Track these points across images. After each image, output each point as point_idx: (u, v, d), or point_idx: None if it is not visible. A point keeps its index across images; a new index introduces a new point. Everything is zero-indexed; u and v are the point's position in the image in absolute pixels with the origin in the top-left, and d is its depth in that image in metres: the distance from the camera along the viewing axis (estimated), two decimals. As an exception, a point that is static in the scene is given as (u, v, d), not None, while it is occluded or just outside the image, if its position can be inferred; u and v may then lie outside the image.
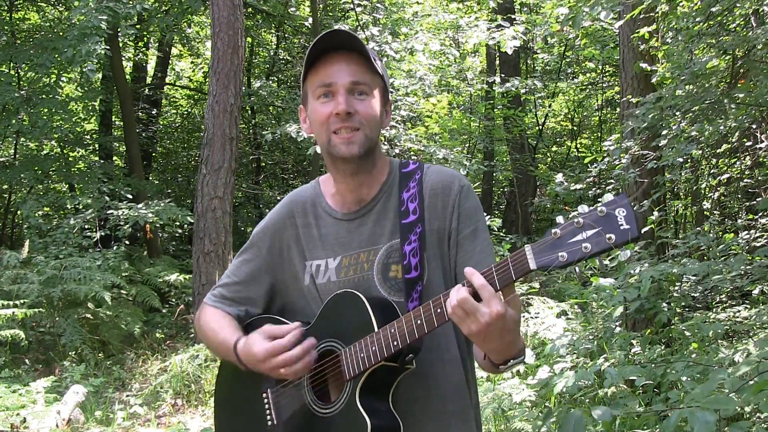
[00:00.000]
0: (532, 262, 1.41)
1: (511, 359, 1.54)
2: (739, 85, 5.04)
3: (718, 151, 6.28)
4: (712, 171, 6.79)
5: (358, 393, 1.64)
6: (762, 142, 5.58)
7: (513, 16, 11.10)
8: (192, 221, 8.55)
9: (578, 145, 15.72)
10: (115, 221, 9.36)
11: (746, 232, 6.33)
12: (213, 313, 1.90)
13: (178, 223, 10.42)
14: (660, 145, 5.46)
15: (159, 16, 11.77)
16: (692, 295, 5.69)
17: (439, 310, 1.54)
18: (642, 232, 1.39)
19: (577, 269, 1.42)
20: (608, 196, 1.37)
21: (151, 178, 13.63)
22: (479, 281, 1.44)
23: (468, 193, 1.77)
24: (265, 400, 1.84)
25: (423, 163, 1.85)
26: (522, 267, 1.42)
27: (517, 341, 1.53)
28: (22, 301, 7.31)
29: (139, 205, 9.50)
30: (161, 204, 9.42)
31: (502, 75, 12.64)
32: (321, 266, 1.81)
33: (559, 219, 1.42)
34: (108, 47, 9.32)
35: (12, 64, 10.43)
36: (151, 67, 15.72)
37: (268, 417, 1.83)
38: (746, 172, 6.64)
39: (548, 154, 16.43)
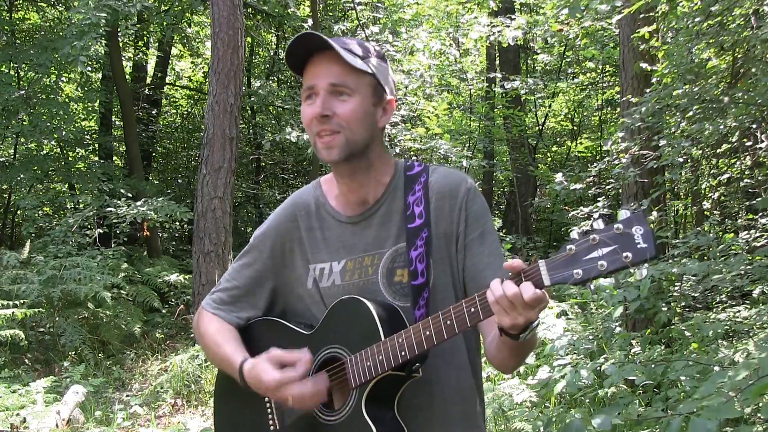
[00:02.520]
0: (546, 278, 1.40)
1: (531, 323, 1.48)
2: (739, 85, 5.04)
3: (718, 151, 6.28)
4: (712, 171, 6.79)
5: (364, 401, 1.63)
6: (762, 142, 5.57)
7: (513, 17, 11.09)
8: (191, 218, 8.55)
9: (578, 145, 15.71)
10: (114, 217, 9.36)
11: (746, 232, 6.33)
12: (213, 322, 1.88)
13: (177, 223, 10.43)
14: (660, 144, 5.46)
15: (159, 14, 11.77)
16: (692, 295, 5.69)
17: (449, 323, 1.52)
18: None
19: (591, 286, 1.41)
20: (625, 213, 1.35)
21: (151, 178, 13.63)
22: (530, 295, 1.40)
23: (475, 196, 1.75)
24: (267, 406, 1.82)
25: (428, 165, 1.83)
26: (536, 283, 1.41)
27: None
28: (22, 301, 7.31)
29: (138, 203, 9.50)
30: (158, 200, 9.43)
31: (503, 73, 12.63)
32: (325, 269, 1.79)
33: (574, 234, 1.39)
34: (106, 42, 9.31)
35: (12, 64, 10.43)
36: (151, 67, 15.72)
37: (271, 422, 1.81)
38: (746, 172, 6.63)
39: (548, 154, 16.41)
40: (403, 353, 1.57)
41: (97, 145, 13.09)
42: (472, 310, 1.50)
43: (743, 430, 2.55)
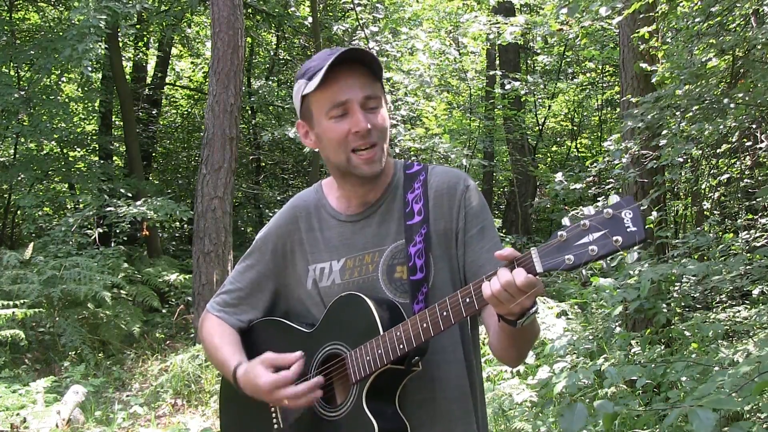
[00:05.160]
0: (539, 264, 1.41)
1: (528, 310, 1.49)
2: (738, 85, 5.04)
3: (718, 151, 6.27)
4: (712, 171, 6.78)
5: (365, 396, 1.64)
6: (762, 142, 5.57)
7: (512, 19, 11.09)
8: (191, 217, 8.57)
9: (578, 145, 15.72)
10: (114, 217, 9.37)
11: (746, 232, 6.33)
12: (215, 325, 1.90)
13: (177, 223, 10.43)
14: (660, 144, 5.46)
15: (159, 14, 11.77)
16: (692, 295, 5.68)
17: (445, 314, 1.53)
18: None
19: (583, 272, 1.42)
20: (614, 198, 1.37)
21: (151, 178, 13.63)
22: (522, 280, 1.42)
23: (474, 192, 1.76)
24: (271, 404, 1.83)
25: (427, 164, 1.84)
26: (528, 270, 1.42)
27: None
28: (22, 301, 7.31)
29: (138, 202, 9.51)
30: (158, 200, 9.44)
31: (504, 71, 12.64)
32: (325, 269, 1.80)
33: (565, 221, 1.41)
34: (106, 46, 9.32)
35: (12, 65, 10.43)
36: (151, 67, 15.72)
37: (274, 420, 1.82)
38: (746, 172, 6.63)
39: (548, 154, 16.42)
40: (401, 346, 1.58)
41: (97, 145, 13.10)
42: (467, 300, 1.51)
43: (743, 425, 2.55)
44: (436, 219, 1.74)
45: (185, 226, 13.86)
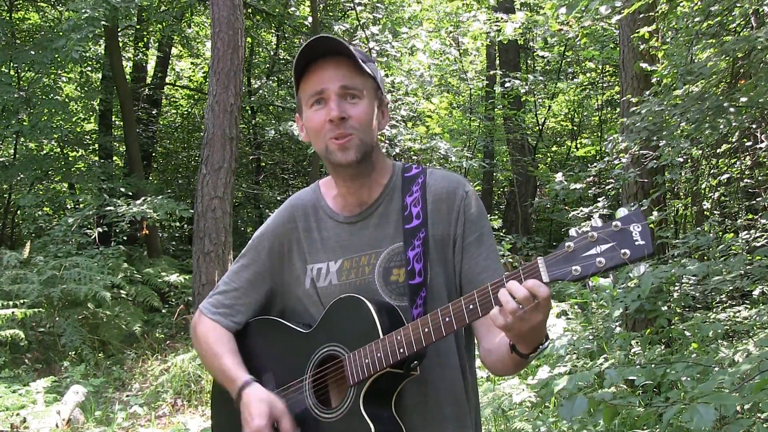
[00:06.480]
0: (545, 274, 1.41)
1: (539, 345, 1.51)
2: (739, 85, 5.04)
3: (718, 151, 6.28)
4: (712, 171, 6.79)
5: (362, 399, 1.64)
6: (762, 142, 5.57)
7: (512, 15, 11.06)
8: (191, 216, 8.57)
9: (578, 145, 15.72)
10: (113, 216, 9.38)
11: (746, 232, 6.33)
12: (211, 329, 1.88)
13: (177, 223, 10.42)
14: (660, 144, 5.46)
15: (159, 14, 11.77)
16: (692, 295, 5.68)
17: (447, 320, 1.53)
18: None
19: (590, 282, 1.42)
20: (622, 211, 1.38)
21: (151, 178, 13.64)
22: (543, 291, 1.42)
23: (473, 199, 1.76)
24: None
25: (426, 167, 1.84)
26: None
27: (545, 327, 1.52)
28: (22, 301, 7.31)
29: (138, 201, 9.51)
30: (158, 198, 9.44)
31: (504, 70, 12.64)
32: (322, 269, 1.80)
33: (573, 232, 1.41)
34: (105, 41, 9.29)
35: (12, 64, 10.43)
36: (151, 67, 15.71)
37: None
38: (746, 172, 6.63)
39: (548, 154, 16.43)
40: (401, 350, 1.58)
41: (97, 145, 13.10)
42: (471, 307, 1.51)
43: (743, 422, 2.56)
44: (434, 223, 1.74)
45: (185, 226, 13.85)
